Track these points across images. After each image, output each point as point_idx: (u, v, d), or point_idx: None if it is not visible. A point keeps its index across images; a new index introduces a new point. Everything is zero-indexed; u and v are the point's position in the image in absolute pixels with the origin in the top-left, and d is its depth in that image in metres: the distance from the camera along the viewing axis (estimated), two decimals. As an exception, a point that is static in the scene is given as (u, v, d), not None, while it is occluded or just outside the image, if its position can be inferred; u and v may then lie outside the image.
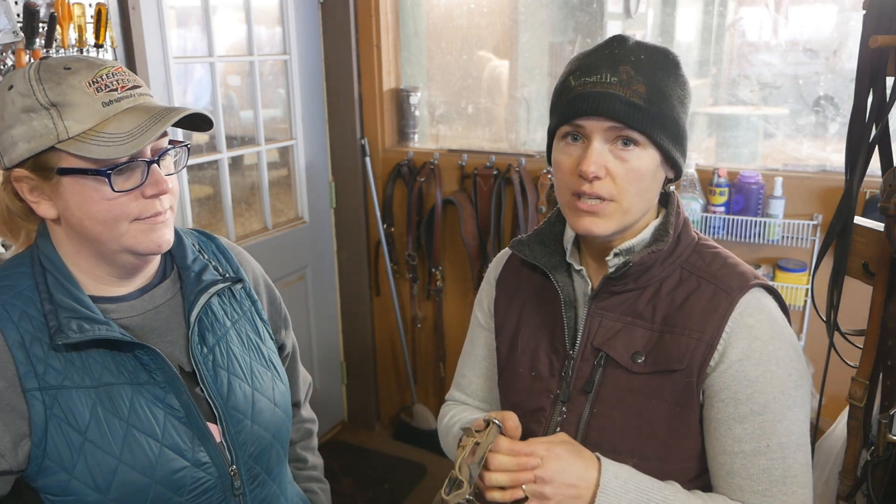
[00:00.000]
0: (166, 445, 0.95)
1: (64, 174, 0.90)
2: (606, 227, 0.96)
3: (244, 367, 1.06)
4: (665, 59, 0.96)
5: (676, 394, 0.97)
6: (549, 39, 2.85)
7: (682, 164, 1.00)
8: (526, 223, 2.62)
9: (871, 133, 1.17)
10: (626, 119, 0.91)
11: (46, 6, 1.79)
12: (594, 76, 0.93)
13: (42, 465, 0.90)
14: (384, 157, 3.01)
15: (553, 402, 1.05)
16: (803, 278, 2.29)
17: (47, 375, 0.91)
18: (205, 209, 2.69)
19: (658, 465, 0.98)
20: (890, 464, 1.16)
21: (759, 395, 0.95)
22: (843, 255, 1.23)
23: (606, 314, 1.02)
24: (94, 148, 0.87)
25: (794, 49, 2.40)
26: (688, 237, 1.03)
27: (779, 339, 0.96)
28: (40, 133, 0.88)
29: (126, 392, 0.94)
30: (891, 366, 1.15)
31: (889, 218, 1.11)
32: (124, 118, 0.90)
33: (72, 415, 0.91)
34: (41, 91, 0.88)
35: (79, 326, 0.91)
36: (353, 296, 3.23)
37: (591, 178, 0.93)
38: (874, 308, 1.18)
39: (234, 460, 1.02)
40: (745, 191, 2.31)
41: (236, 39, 2.66)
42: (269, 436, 1.07)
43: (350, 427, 3.39)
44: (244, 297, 1.13)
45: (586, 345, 1.02)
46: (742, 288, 0.97)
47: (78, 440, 0.90)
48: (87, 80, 0.90)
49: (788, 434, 0.96)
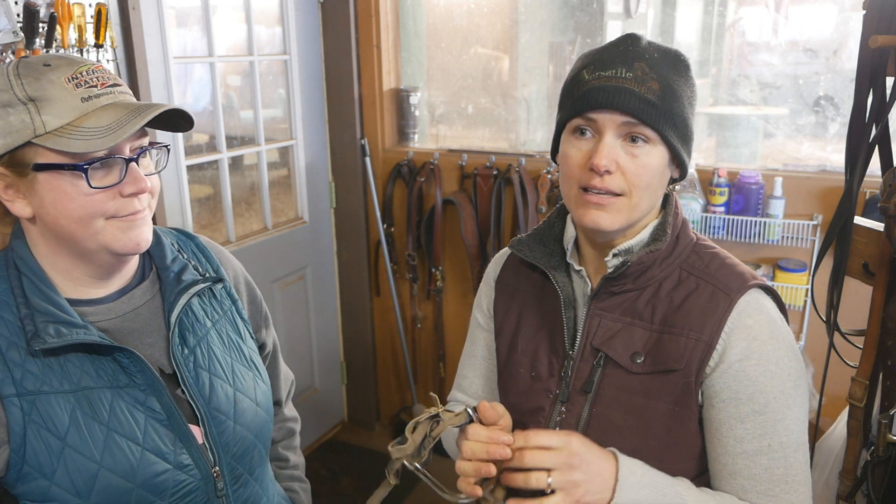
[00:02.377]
0: (147, 449, 0.94)
1: (40, 170, 0.88)
2: (613, 221, 0.96)
3: (225, 368, 1.06)
4: (677, 60, 0.97)
5: (675, 394, 0.97)
6: (549, 39, 2.85)
7: (687, 164, 1.00)
8: (526, 223, 2.62)
9: (871, 133, 1.17)
10: (640, 114, 0.91)
11: (46, 6, 1.79)
12: (609, 70, 0.93)
13: (21, 471, 0.89)
14: (384, 157, 3.01)
15: (552, 402, 1.05)
16: (803, 278, 2.29)
17: (25, 381, 0.89)
18: (205, 209, 2.69)
19: (656, 464, 0.98)
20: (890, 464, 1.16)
21: (760, 394, 0.95)
22: (843, 255, 1.23)
23: (606, 314, 1.02)
24: (72, 142, 0.86)
25: (794, 49, 2.40)
26: (686, 238, 1.03)
27: (777, 339, 0.96)
28: (17, 128, 0.87)
29: (106, 396, 0.93)
30: (891, 366, 1.15)
31: (889, 218, 1.11)
32: (103, 114, 0.89)
33: (51, 420, 0.89)
34: (20, 86, 0.87)
35: (56, 331, 0.90)
36: (353, 296, 3.23)
37: (603, 171, 0.93)
38: (874, 308, 1.18)
39: (216, 461, 1.01)
40: (745, 191, 2.31)
41: (236, 39, 2.66)
42: (251, 436, 1.07)
43: (350, 427, 3.39)
44: (224, 296, 1.12)
45: (586, 345, 1.02)
46: (741, 288, 0.97)
47: (57, 446, 0.89)
48: (66, 76, 0.89)
49: (789, 433, 0.96)
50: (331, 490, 2.91)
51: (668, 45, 0.99)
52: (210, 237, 1.21)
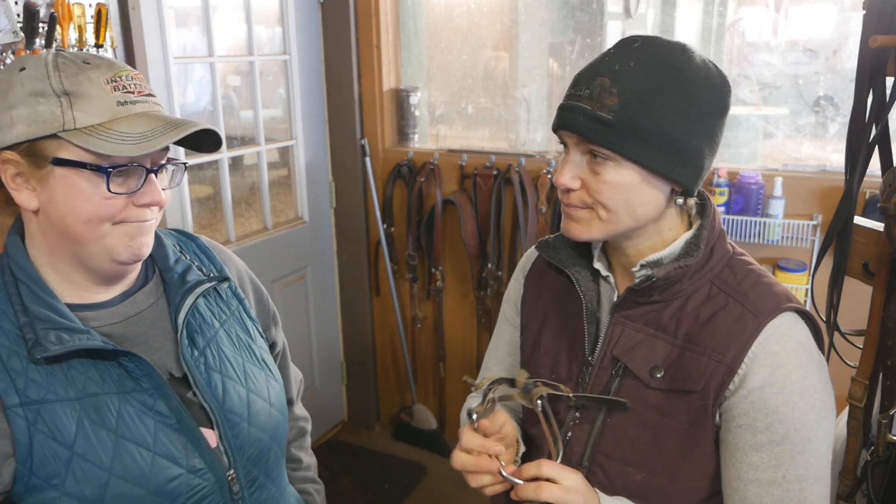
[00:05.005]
0: (159, 454, 0.92)
1: (59, 164, 0.86)
2: (584, 232, 0.96)
3: (237, 369, 1.04)
4: (665, 67, 0.89)
5: (691, 414, 0.94)
6: (549, 39, 2.85)
7: (681, 178, 0.92)
8: (526, 223, 2.62)
9: (871, 133, 1.17)
10: (588, 134, 0.89)
11: (46, 6, 1.79)
12: (574, 88, 0.93)
13: (29, 483, 0.86)
14: (384, 157, 3.01)
15: (567, 407, 1.03)
16: (803, 278, 2.29)
17: (28, 390, 0.87)
18: (205, 209, 2.69)
19: (667, 481, 0.96)
20: (890, 464, 1.16)
21: (779, 424, 0.90)
22: (843, 255, 1.23)
23: (629, 324, 0.99)
24: (102, 143, 0.85)
25: (794, 49, 2.40)
26: (722, 250, 0.98)
27: (805, 368, 0.91)
28: (45, 118, 0.85)
29: (113, 401, 0.90)
30: (891, 366, 1.15)
31: (889, 218, 1.10)
32: (137, 121, 0.88)
33: (57, 429, 0.87)
34: (57, 77, 0.86)
35: (57, 337, 0.87)
36: (353, 296, 3.23)
37: (562, 189, 0.95)
38: (874, 308, 1.18)
39: (231, 464, 0.99)
40: (745, 191, 2.31)
41: (236, 39, 2.66)
42: (266, 437, 1.05)
43: (350, 427, 3.39)
44: (231, 296, 1.10)
45: (606, 353, 1.00)
46: (772, 312, 0.92)
47: (65, 455, 0.87)
48: (105, 77, 0.88)
49: (807, 467, 0.92)
50: (331, 490, 2.90)
51: (667, 47, 0.91)
52: (210, 237, 1.20)
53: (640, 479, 0.96)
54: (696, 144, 0.91)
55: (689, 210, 0.99)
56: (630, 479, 0.97)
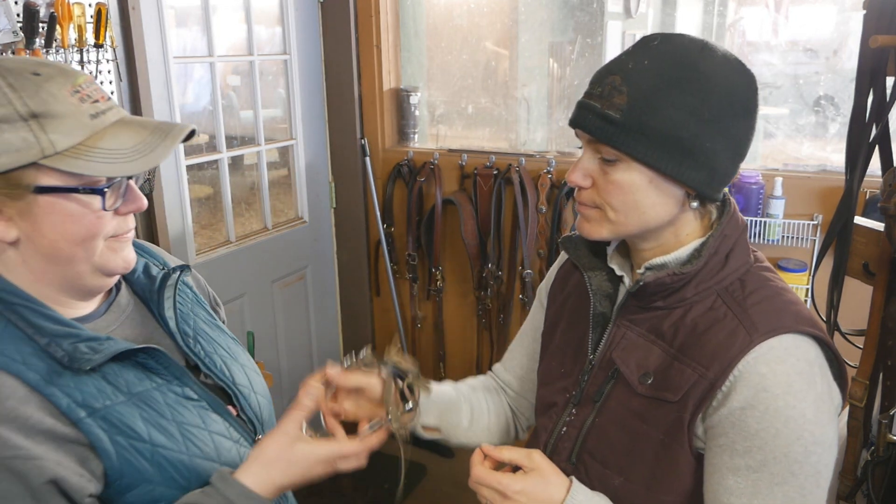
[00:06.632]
0: (213, 431, 0.97)
1: (44, 192, 0.81)
2: (594, 231, 0.96)
3: (225, 347, 1.10)
4: (675, 66, 0.87)
5: (667, 425, 0.92)
6: (550, 39, 2.85)
7: (693, 182, 0.89)
8: (526, 223, 2.62)
9: (871, 133, 1.17)
10: (596, 133, 0.89)
11: (46, 6, 1.79)
12: (590, 86, 0.92)
13: (122, 484, 0.87)
14: (384, 157, 3.01)
15: (566, 403, 1.05)
16: (803, 278, 2.28)
17: (88, 401, 0.86)
18: (205, 209, 2.69)
19: (643, 491, 0.94)
20: (890, 464, 1.16)
21: (758, 451, 0.85)
22: (843, 255, 1.23)
23: (633, 328, 0.98)
24: (95, 165, 0.81)
25: (794, 49, 2.40)
26: (739, 261, 0.94)
27: (795, 396, 0.84)
28: (17, 147, 0.78)
29: (155, 395, 0.93)
30: (891, 366, 1.16)
31: (889, 218, 1.11)
32: (118, 133, 0.84)
33: (129, 428, 0.88)
34: (18, 98, 0.78)
35: (90, 348, 0.87)
36: (353, 296, 3.23)
37: (574, 186, 0.95)
38: (874, 308, 1.18)
39: (258, 429, 1.06)
40: (745, 191, 2.30)
41: (236, 39, 2.66)
42: (266, 400, 1.13)
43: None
44: (183, 285, 1.12)
45: (605, 354, 1.00)
46: (769, 331, 0.87)
47: (147, 449, 0.88)
48: (67, 89, 0.81)
49: (787, 501, 0.86)
50: (331, 490, 2.91)
51: (685, 46, 0.88)
52: (210, 237, 1.21)
53: (618, 485, 0.96)
54: (710, 147, 0.88)
55: (710, 215, 0.96)
56: (609, 482, 0.97)
